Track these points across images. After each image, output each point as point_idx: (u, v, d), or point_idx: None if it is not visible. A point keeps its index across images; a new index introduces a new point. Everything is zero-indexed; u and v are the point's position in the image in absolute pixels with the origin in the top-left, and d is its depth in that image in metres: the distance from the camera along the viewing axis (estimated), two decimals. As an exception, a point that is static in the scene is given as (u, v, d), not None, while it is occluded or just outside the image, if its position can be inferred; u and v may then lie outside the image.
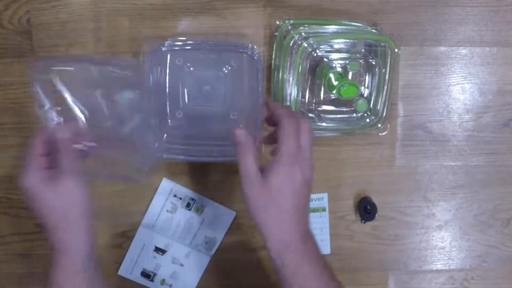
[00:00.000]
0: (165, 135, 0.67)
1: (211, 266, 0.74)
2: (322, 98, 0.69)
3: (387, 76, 0.67)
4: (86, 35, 0.68)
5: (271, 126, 0.58)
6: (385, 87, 0.67)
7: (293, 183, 0.52)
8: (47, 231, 0.54)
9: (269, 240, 0.52)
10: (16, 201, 0.72)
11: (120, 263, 0.74)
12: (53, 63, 0.56)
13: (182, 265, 0.74)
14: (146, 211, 0.72)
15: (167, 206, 0.72)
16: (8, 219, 0.73)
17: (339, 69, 0.67)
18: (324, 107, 0.69)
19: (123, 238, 0.73)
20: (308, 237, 0.53)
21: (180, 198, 0.72)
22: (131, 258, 0.73)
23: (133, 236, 0.73)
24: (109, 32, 0.68)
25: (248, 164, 0.52)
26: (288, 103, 0.66)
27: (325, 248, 0.75)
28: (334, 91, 0.65)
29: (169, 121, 0.67)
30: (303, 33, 0.64)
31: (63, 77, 0.55)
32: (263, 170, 0.52)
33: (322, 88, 0.68)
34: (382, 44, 0.66)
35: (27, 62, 0.68)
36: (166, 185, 0.71)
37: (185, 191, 0.72)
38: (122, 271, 0.74)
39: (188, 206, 0.72)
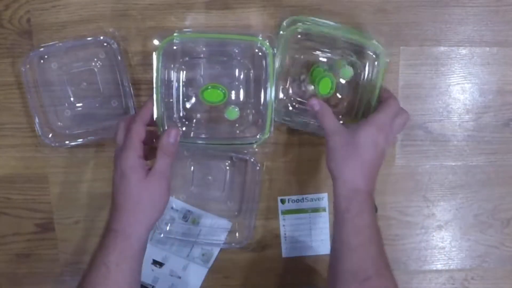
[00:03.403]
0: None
1: (209, 277, 0.74)
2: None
3: (364, 80, 0.66)
4: (86, 35, 0.68)
5: None
6: (360, 91, 0.67)
7: (376, 144, 0.59)
8: (116, 212, 0.57)
9: (342, 185, 0.58)
10: (16, 201, 0.73)
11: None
12: None
13: (179, 277, 0.74)
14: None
15: (165, 219, 0.72)
16: (8, 219, 0.73)
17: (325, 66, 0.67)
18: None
19: (123, 238, 0.73)
20: (372, 194, 0.60)
21: (177, 210, 0.72)
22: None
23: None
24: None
25: (332, 120, 0.61)
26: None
27: (325, 248, 0.75)
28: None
29: (181, 110, 0.68)
30: (299, 29, 0.65)
31: None
32: (350, 126, 0.60)
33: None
34: (371, 49, 0.65)
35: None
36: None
37: (182, 204, 0.72)
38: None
39: (185, 218, 0.72)
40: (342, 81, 0.67)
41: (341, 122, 0.63)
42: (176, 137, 0.59)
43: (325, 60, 0.68)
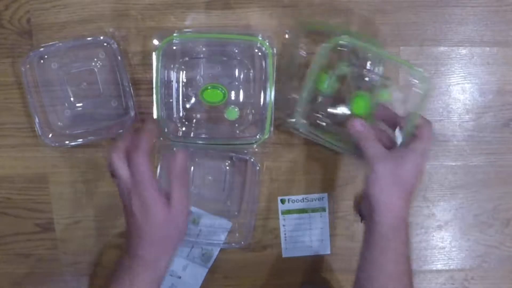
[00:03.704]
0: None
1: (209, 277, 0.74)
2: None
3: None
4: (86, 35, 0.68)
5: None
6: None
7: (421, 173, 0.59)
8: (141, 240, 0.55)
9: (387, 213, 0.57)
10: (16, 201, 0.72)
11: (120, 263, 0.74)
12: None
13: (179, 277, 0.74)
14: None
15: None
16: (8, 219, 0.73)
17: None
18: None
19: (123, 238, 0.73)
20: (408, 220, 0.59)
21: None
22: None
23: (133, 236, 0.73)
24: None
25: (376, 145, 0.59)
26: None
27: (325, 248, 0.75)
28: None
29: (181, 110, 0.68)
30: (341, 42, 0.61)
31: None
32: (393, 154, 0.59)
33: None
34: (415, 76, 0.62)
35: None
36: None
37: None
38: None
39: None
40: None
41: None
42: (185, 160, 0.56)
43: (367, 79, 0.65)
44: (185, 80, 0.67)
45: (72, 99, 0.69)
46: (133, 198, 0.55)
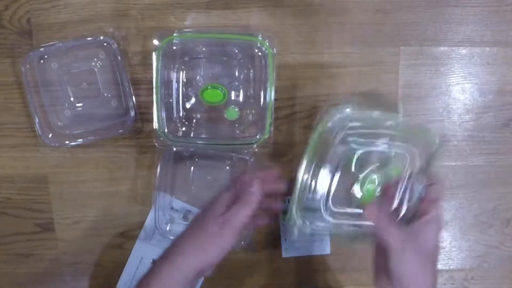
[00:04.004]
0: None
1: (209, 278, 0.74)
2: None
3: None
4: (86, 35, 0.68)
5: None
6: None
7: (440, 242, 0.56)
8: (196, 255, 0.55)
9: None
10: (16, 201, 0.72)
11: (119, 263, 0.74)
12: None
13: None
14: (144, 221, 0.73)
15: (165, 218, 0.72)
16: (8, 219, 0.73)
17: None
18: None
19: (123, 238, 0.73)
20: None
21: (177, 210, 0.72)
22: (129, 272, 0.73)
23: (133, 236, 0.73)
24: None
25: (396, 235, 0.54)
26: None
27: (325, 248, 0.75)
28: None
29: (181, 110, 0.68)
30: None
31: None
32: (409, 231, 0.55)
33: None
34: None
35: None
36: (163, 198, 0.71)
37: (182, 204, 0.72)
38: (121, 285, 0.74)
39: (185, 218, 0.72)
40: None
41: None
42: (259, 187, 0.56)
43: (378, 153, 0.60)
44: (185, 80, 0.67)
45: (72, 99, 0.69)
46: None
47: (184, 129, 0.68)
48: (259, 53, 0.65)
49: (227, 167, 0.72)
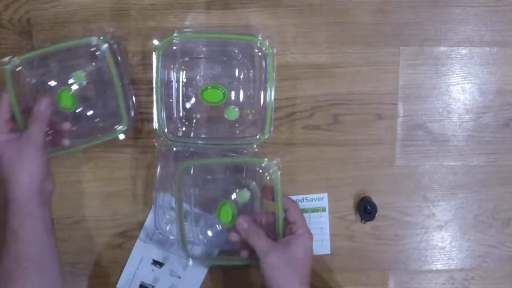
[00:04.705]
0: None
1: (209, 278, 0.74)
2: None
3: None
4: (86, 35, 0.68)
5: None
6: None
7: (311, 251, 0.62)
8: (5, 184, 0.59)
9: None
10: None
11: (119, 263, 0.74)
12: None
13: (180, 277, 0.74)
14: (144, 221, 0.73)
15: (165, 218, 0.72)
16: (8, 219, 0.73)
17: None
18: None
19: (123, 238, 0.73)
20: None
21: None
22: (129, 271, 0.73)
23: (133, 236, 0.73)
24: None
25: (263, 239, 0.61)
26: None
27: (325, 248, 0.75)
28: None
29: (181, 110, 0.68)
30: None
31: None
32: (280, 243, 0.61)
33: None
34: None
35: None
36: (163, 198, 0.71)
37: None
38: (121, 285, 0.74)
39: (184, 218, 0.72)
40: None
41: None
42: (47, 105, 0.61)
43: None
44: (185, 80, 0.67)
45: (72, 99, 0.69)
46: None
47: (184, 129, 0.68)
48: (259, 53, 0.65)
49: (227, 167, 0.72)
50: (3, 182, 0.60)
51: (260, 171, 0.66)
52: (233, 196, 0.67)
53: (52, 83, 0.66)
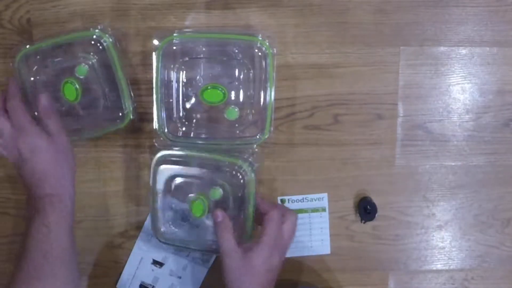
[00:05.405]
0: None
1: (209, 277, 0.74)
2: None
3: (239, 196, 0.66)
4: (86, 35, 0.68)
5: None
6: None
7: (271, 264, 0.61)
8: (40, 180, 0.60)
9: None
10: (17, 201, 0.73)
11: (119, 263, 0.74)
12: None
13: (180, 277, 0.74)
14: (144, 220, 0.73)
15: (165, 219, 0.71)
16: (8, 219, 0.73)
17: None
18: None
19: (123, 238, 0.74)
20: None
21: (177, 211, 0.72)
22: (129, 271, 0.74)
23: (133, 236, 0.73)
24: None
25: (228, 240, 0.61)
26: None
27: (325, 248, 0.75)
28: None
29: (181, 110, 0.68)
30: None
31: None
32: (244, 247, 0.61)
33: None
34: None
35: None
36: (163, 198, 0.70)
37: (181, 204, 0.72)
38: (121, 285, 0.74)
39: (184, 218, 0.72)
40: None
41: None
42: (47, 98, 0.62)
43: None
44: (185, 80, 0.67)
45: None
46: (20, 144, 0.60)
47: (184, 129, 0.68)
48: (259, 53, 0.65)
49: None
50: (35, 183, 0.60)
51: (233, 172, 0.65)
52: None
53: (55, 76, 0.67)
